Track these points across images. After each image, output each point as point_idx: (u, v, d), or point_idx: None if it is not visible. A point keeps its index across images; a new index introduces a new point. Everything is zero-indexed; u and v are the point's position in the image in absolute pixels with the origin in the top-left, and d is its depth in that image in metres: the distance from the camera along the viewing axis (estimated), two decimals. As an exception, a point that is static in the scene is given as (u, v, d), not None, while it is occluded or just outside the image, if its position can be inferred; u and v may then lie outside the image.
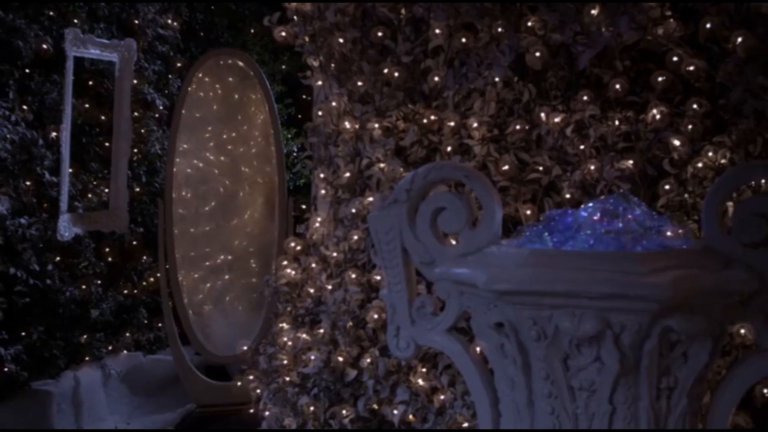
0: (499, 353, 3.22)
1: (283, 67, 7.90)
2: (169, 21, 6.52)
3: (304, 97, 8.25)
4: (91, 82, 6.07)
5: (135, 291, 6.46)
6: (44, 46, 5.57)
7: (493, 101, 4.01)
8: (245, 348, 4.41)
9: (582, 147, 3.70)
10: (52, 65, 5.73)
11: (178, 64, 6.67)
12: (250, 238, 6.94)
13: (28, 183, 5.66)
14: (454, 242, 3.40)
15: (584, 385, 3.05)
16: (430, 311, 3.47)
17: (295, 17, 4.34)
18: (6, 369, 5.44)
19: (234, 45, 7.24)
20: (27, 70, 5.59)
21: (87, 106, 6.05)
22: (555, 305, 2.98)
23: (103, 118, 6.18)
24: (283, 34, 4.34)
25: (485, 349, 3.29)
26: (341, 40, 4.14)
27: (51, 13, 5.67)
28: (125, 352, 6.43)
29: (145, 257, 6.55)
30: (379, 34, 4.10)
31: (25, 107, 5.57)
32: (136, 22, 6.32)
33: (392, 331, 3.49)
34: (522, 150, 4.00)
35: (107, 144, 6.19)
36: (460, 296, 3.40)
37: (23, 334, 5.63)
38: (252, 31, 7.50)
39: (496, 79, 3.94)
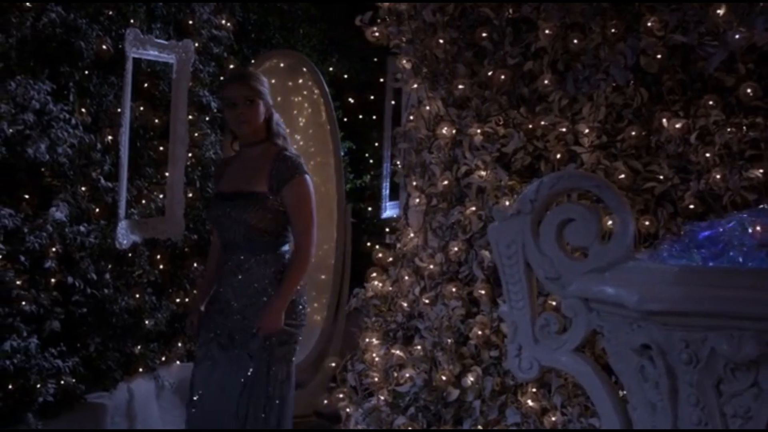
0: (638, 376, 3.02)
1: (331, 69, 7.69)
2: (223, 21, 6.31)
3: (350, 100, 8.05)
4: (146, 84, 5.86)
5: (187, 299, 6.24)
6: (104, 47, 5.36)
7: (603, 106, 3.81)
8: (333, 365, 4.19)
9: (707, 155, 3.50)
10: (109, 66, 5.52)
11: (231, 66, 6.46)
12: (319, 244, 6.76)
13: (83, 188, 5.45)
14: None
15: (738, 412, 2.85)
16: (554, 329, 3.27)
17: (387, 17, 4.12)
18: (63, 382, 5.23)
19: (285, 46, 7.04)
20: (86, 72, 5.37)
21: (142, 108, 5.83)
22: (711, 327, 2.79)
23: (157, 121, 5.97)
24: (377, 34, 4.13)
25: (621, 372, 3.09)
26: (441, 41, 3.92)
27: (110, 13, 5.46)
28: (178, 362, 6.22)
29: (195, 264, 6.34)
30: (484, 35, 3.89)
31: (83, 110, 5.36)
32: (191, 22, 6.10)
33: (514, 351, 3.29)
34: (632, 157, 3.80)
35: (161, 148, 5.98)
36: (588, 314, 3.20)
37: (79, 345, 5.42)
38: (301, 31, 7.30)
39: (613, 83, 3.73)
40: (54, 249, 5.19)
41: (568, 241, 3.23)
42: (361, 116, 7.94)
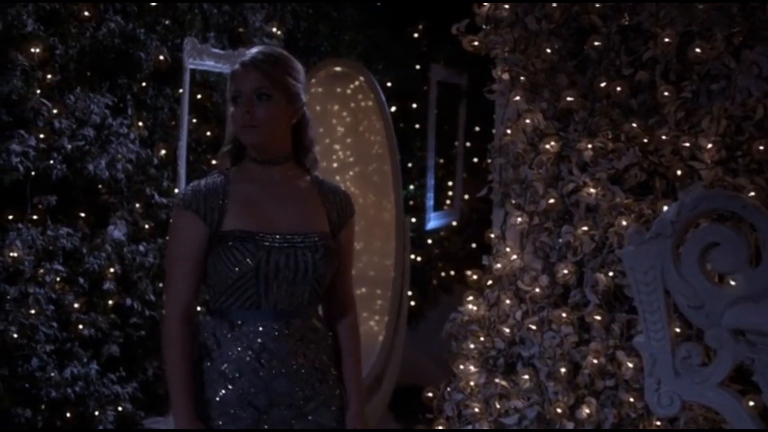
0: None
1: (375, 76, 7.47)
2: (274, 29, 6.08)
3: (393, 109, 7.83)
4: (199, 96, 5.62)
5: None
6: (161, 57, 5.12)
7: (723, 118, 3.58)
8: (430, 395, 3.95)
9: None
10: (165, 78, 5.28)
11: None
12: (356, 255, 6.56)
13: (138, 205, 5.22)
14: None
15: None
16: (697, 362, 3.05)
17: (485, 25, 3.89)
18: (121, 408, 5.01)
19: (332, 54, 6.81)
20: (143, 84, 5.14)
21: (195, 121, 5.60)
22: None
23: (209, 134, 5.73)
24: (476, 43, 3.89)
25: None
26: (548, 50, 3.69)
27: (167, 22, 5.22)
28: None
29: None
30: (596, 43, 3.66)
31: (140, 123, 5.12)
32: (241, 30, 5.87)
33: (652, 385, 3.07)
34: (755, 173, 3.58)
35: (214, 162, 5.75)
36: (736, 345, 2.98)
37: (137, 369, 5.19)
38: (347, 39, 7.08)
39: (735, 94, 3.51)
40: (112, 270, 4.97)
41: (711, 267, 3.02)
42: (403, 125, 7.72)
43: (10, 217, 4.47)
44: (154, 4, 5.07)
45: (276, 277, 2.64)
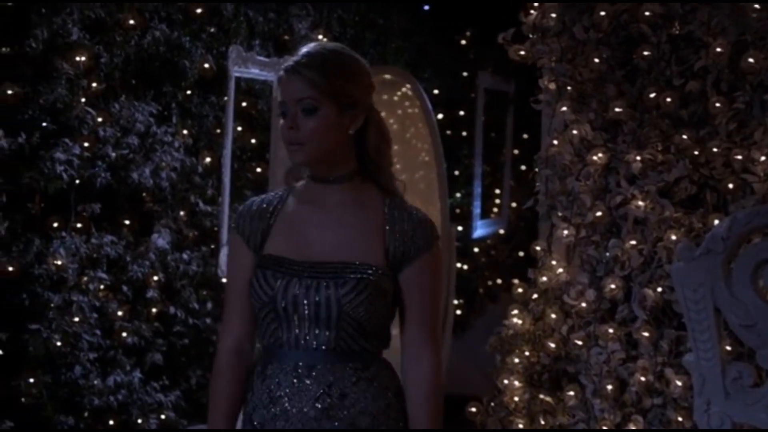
0: None
1: (422, 84, 7.42)
2: (320, 37, 6.05)
3: (439, 116, 7.77)
4: (244, 104, 5.60)
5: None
6: (206, 65, 5.11)
7: (776, 130, 3.49)
8: (474, 409, 3.89)
9: None
10: (210, 86, 5.27)
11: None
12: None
13: (182, 213, 5.21)
14: None
15: None
16: (749, 382, 2.96)
17: (531, 34, 3.83)
18: (164, 416, 5.01)
19: (378, 61, 6.77)
20: (188, 92, 5.13)
21: (240, 129, 5.58)
22: None
23: (253, 141, 5.72)
24: (522, 52, 3.83)
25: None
26: (596, 60, 3.62)
27: (212, 30, 5.21)
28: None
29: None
30: (646, 53, 3.58)
31: (185, 132, 5.12)
32: (286, 37, 5.85)
33: (701, 406, 2.99)
34: (809, 187, 3.48)
35: (259, 170, 5.73)
36: (789, 366, 2.89)
37: (180, 378, 5.19)
38: (393, 46, 7.03)
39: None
40: (156, 278, 4.97)
41: (764, 284, 2.92)
42: (450, 132, 7.66)
43: (55, 225, 4.48)
44: (199, 11, 5.06)
45: (295, 311, 2.26)
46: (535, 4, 3.89)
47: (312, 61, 2.24)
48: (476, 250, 8.10)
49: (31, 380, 4.32)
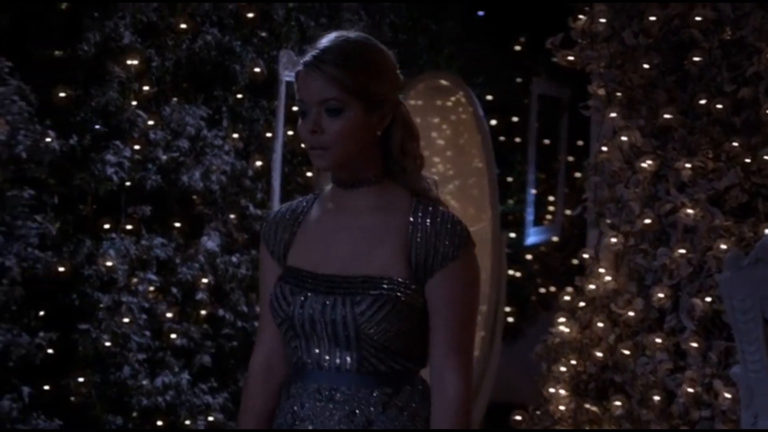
0: None
1: (475, 90, 7.40)
2: (372, 41, 6.06)
3: (492, 122, 7.73)
4: (295, 108, 5.61)
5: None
6: (257, 70, 5.13)
7: (831, 138, 3.41)
8: (519, 418, 3.86)
9: None
10: (260, 90, 5.29)
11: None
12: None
13: (232, 216, 5.24)
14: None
15: None
16: (797, 395, 2.90)
17: (580, 40, 3.79)
18: (212, 418, 5.03)
19: (431, 67, 6.76)
20: (239, 96, 5.16)
21: (290, 133, 5.60)
22: None
23: (304, 146, 5.73)
24: (571, 58, 3.79)
25: None
26: (646, 66, 3.57)
27: (263, 34, 5.24)
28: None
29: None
30: (697, 59, 3.52)
31: (236, 135, 5.15)
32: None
33: (749, 419, 2.93)
34: None
35: (309, 174, 5.75)
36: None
37: (228, 380, 5.22)
38: (446, 52, 7.02)
39: None
40: (205, 280, 4.99)
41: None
42: (503, 139, 7.62)
43: (106, 226, 4.52)
44: (250, 16, 5.09)
45: (313, 330, 2.06)
46: (585, 8, 3.85)
47: (334, 56, 2.01)
48: (529, 257, 8.05)
49: (81, 380, 4.36)
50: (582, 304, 3.84)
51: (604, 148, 3.81)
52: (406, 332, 2.03)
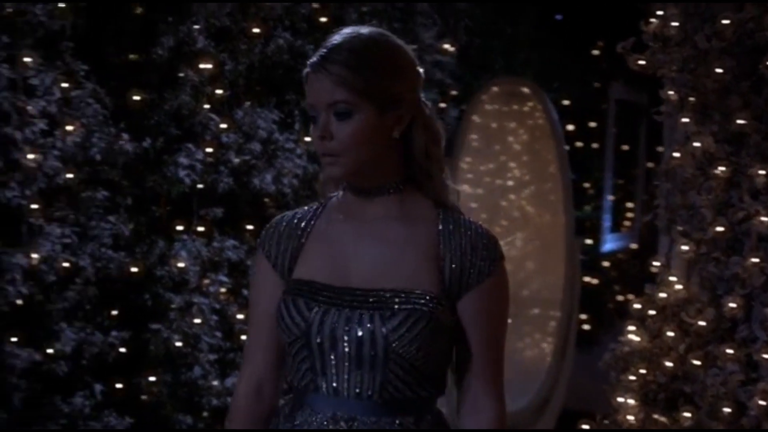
0: None
1: (551, 94, 7.33)
2: (446, 46, 6.03)
3: (569, 128, 7.65)
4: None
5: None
6: (329, 74, 5.15)
7: None
8: (586, 427, 3.81)
9: None
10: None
11: (453, 92, 6.18)
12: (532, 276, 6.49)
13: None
14: None
15: None
16: None
17: (652, 43, 3.72)
18: (280, 420, 5.06)
19: (507, 71, 6.72)
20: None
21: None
22: None
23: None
24: (642, 62, 3.73)
25: None
26: (720, 70, 3.49)
27: (337, 38, 5.26)
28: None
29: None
30: (772, 63, 3.44)
31: (308, 139, 5.17)
32: (413, 47, 5.84)
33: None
34: None
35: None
36: None
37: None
38: (522, 56, 6.97)
39: None
40: (276, 283, 5.02)
41: None
42: (580, 144, 7.53)
43: (179, 228, 4.58)
44: (323, 20, 5.11)
45: (333, 349, 1.84)
46: (658, 13, 3.78)
47: (342, 55, 1.82)
48: (606, 264, 7.95)
49: (152, 379, 4.43)
50: (652, 312, 3.76)
51: (676, 154, 3.74)
52: (435, 353, 1.86)
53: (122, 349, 4.33)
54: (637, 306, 3.85)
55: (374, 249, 1.89)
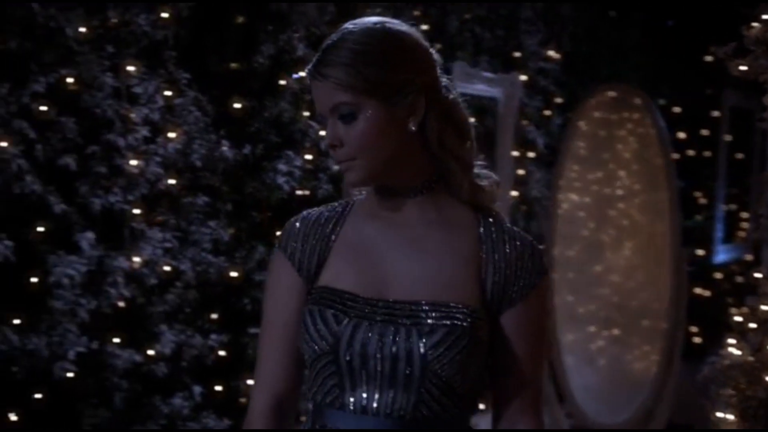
0: None
1: (661, 101, 7.19)
2: (551, 53, 5.99)
3: (680, 135, 7.49)
4: (472, 120, 5.61)
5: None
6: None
7: None
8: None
9: None
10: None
11: (558, 100, 6.13)
12: (614, 288, 6.37)
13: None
14: None
15: None
16: None
17: (754, 47, 3.61)
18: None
19: (613, 78, 6.61)
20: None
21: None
22: None
23: (481, 157, 5.73)
24: (744, 68, 3.62)
25: None
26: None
27: (438, 46, 5.26)
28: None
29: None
30: None
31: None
32: (518, 54, 5.82)
33: None
34: None
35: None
36: None
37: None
38: (630, 62, 6.85)
39: None
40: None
41: None
42: (692, 152, 7.36)
43: (279, 233, 4.63)
44: (424, 28, 5.12)
45: (364, 366, 1.68)
46: (764, 17, 3.67)
47: (334, 56, 1.69)
48: (718, 275, 7.74)
49: (250, 382, 4.48)
50: (753, 325, 3.64)
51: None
52: (473, 372, 1.71)
53: (221, 352, 4.40)
54: (738, 319, 3.73)
55: (410, 257, 1.73)
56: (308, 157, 4.61)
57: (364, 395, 1.69)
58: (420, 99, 1.70)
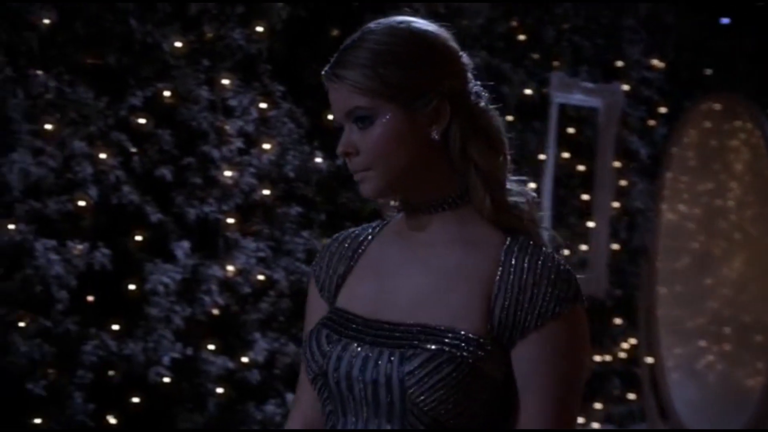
0: None
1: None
2: (654, 62, 5.89)
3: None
4: (570, 130, 5.57)
5: (608, 357, 5.89)
6: (527, 92, 5.15)
7: None
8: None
9: None
10: (532, 111, 5.30)
11: (662, 109, 6.01)
12: (726, 302, 6.24)
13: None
14: None
15: None
16: None
17: None
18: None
19: (721, 87, 6.45)
20: (509, 118, 5.19)
21: (565, 155, 5.56)
22: None
23: (580, 168, 5.67)
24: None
25: None
26: None
27: (536, 56, 5.25)
28: (597, 425, 5.85)
29: (618, 320, 5.98)
30: None
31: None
32: (620, 64, 5.75)
33: None
34: None
35: (585, 196, 5.67)
36: None
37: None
38: (740, 71, 6.67)
39: None
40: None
41: None
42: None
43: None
44: (521, 38, 5.12)
45: (350, 391, 1.52)
46: None
47: (352, 57, 1.54)
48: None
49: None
50: None
51: None
52: (469, 409, 1.48)
53: (314, 361, 4.45)
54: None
55: (419, 278, 1.56)
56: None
57: (354, 422, 1.54)
58: (444, 105, 1.54)
